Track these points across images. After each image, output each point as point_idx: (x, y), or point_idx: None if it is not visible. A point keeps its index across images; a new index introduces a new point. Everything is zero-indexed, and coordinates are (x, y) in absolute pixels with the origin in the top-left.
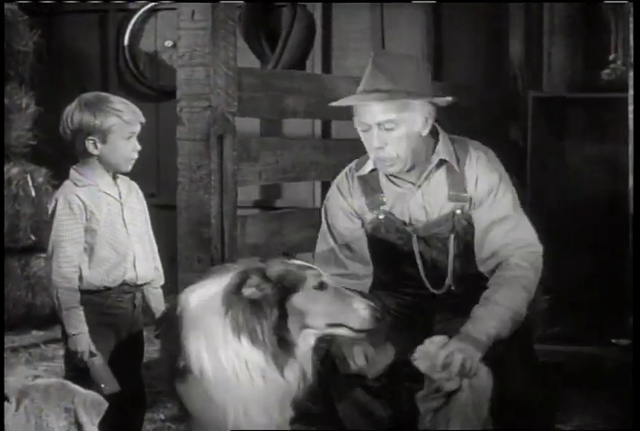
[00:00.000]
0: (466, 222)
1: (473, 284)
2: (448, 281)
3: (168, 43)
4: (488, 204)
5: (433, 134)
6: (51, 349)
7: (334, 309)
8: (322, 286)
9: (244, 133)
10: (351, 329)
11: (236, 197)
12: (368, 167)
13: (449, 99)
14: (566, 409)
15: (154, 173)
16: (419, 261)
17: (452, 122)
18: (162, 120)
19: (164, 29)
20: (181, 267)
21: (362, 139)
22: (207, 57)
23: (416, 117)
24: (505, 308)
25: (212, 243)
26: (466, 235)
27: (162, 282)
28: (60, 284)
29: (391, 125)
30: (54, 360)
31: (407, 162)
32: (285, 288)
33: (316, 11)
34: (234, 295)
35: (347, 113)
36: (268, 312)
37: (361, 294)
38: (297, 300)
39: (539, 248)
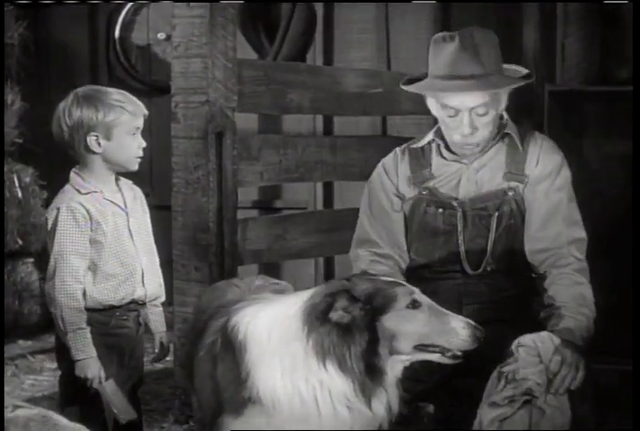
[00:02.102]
0: (515, 205)
1: (508, 266)
2: (487, 261)
3: (161, 35)
4: (545, 186)
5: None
6: (39, 361)
7: (429, 329)
8: (415, 305)
9: (244, 130)
10: (445, 352)
11: (237, 199)
12: (425, 140)
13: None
14: None
15: (147, 172)
16: (460, 239)
17: None
18: (155, 117)
19: (157, 20)
20: (176, 275)
21: (444, 123)
22: (204, 47)
23: (502, 98)
24: (587, 308)
25: (210, 250)
26: (511, 217)
27: (163, 298)
28: (66, 303)
29: (484, 109)
30: (42, 373)
31: (486, 143)
32: (374, 309)
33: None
34: (315, 319)
35: (356, 109)
36: (357, 336)
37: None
38: (389, 321)
39: (584, 235)
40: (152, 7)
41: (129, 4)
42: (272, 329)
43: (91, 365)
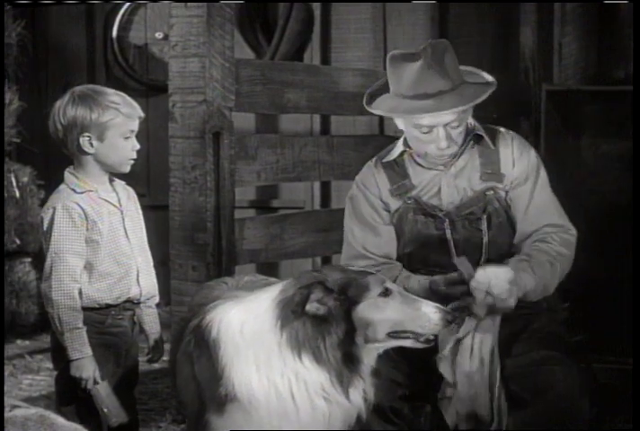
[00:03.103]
0: (498, 203)
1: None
2: (482, 264)
3: (159, 35)
4: (529, 187)
5: None
6: (37, 361)
7: (402, 316)
8: (386, 293)
9: (241, 130)
10: (418, 337)
11: (234, 199)
12: (396, 152)
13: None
14: None
15: (144, 172)
16: (451, 246)
17: None
18: (152, 117)
19: (155, 20)
20: (174, 275)
21: (417, 138)
22: (201, 47)
23: (470, 107)
24: (545, 275)
25: (208, 250)
26: (498, 217)
27: (157, 299)
28: (63, 302)
29: (457, 123)
30: (39, 373)
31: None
32: (349, 299)
33: None
34: (291, 312)
35: (353, 108)
36: (334, 326)
37: None
38: (363, 311)
39: (574, 232)
40: (149, 7)
41: (127, 4)
42: (245, 325)
43: (86, 365)
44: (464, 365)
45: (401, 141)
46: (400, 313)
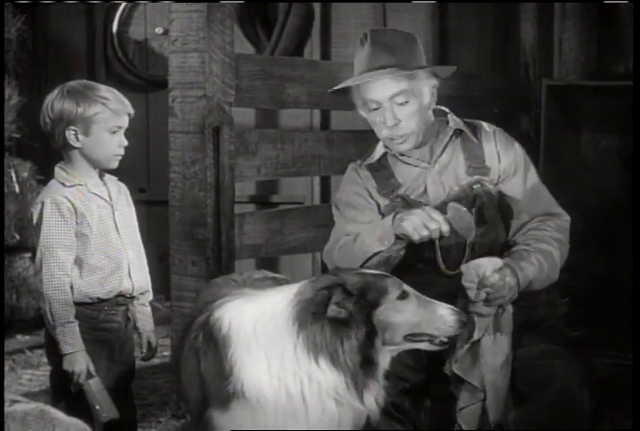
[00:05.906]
0: (486, 197)
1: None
2: (465, 261)
3: (159, 30)
4: (520, 176)
5: (440, 113)
6: (37, 355)
7: (419, 318)
8: (404, 296)
9: (241, 125)
10: (433, 339)
11: (234, 194)
12: (378, 153)
13: (453, 68)
14: None
15: (144, 167)
16: (437, 245)
17: (458, 113)
18: (152, 112)
19: (155, 15)
20: (174, 270)
21: (370, 120)
22: (201, 42)
23: (424, 88)
24: (546, 262)
25: (208, 245)
26: (488, 209)
27: (151, 297)
28: (54, 296)
29: (403, 98)
30: (39, 368)
31: (419, 138)
32: (368, 302)
33: None
34: (311, 314)
35: (353, 104)
36: (354, 330)
37: None
38: (382, 313)
39: (568, 218)
40: (149, 2)
41: None
42: (258, 325)
43: (79, 359)
44: (489, 364)
45: (381, 143)
46: (417, 316)
